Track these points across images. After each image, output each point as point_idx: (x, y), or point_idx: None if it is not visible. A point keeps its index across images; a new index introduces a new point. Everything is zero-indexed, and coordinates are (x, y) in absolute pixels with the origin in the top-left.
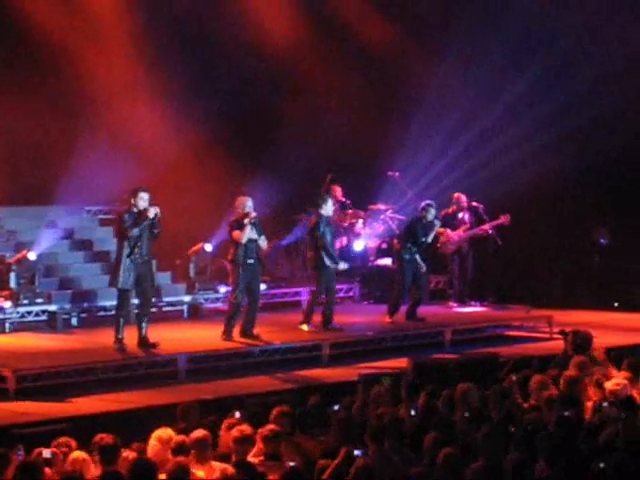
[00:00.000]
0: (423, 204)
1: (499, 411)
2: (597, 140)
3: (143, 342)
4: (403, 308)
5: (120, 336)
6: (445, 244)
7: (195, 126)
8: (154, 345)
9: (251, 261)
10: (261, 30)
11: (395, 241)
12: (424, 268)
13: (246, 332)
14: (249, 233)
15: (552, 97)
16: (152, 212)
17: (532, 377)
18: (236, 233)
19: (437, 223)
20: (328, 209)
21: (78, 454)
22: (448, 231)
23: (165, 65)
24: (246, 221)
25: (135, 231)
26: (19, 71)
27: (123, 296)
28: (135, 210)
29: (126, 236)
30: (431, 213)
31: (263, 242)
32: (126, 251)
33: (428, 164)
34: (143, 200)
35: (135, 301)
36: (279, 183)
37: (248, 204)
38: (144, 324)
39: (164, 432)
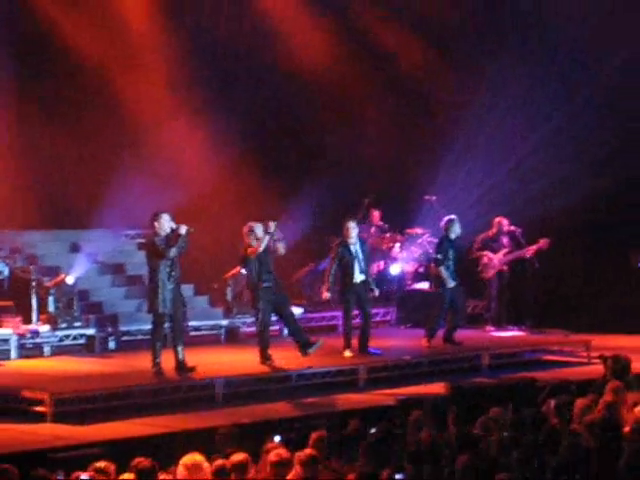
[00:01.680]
0: (445, 220)
1: (536, 435)
2: (636, 162)
3: (180, 366)
4: (440, 332)
5: (157, 360)
6: (486, 268)
7: (234, 150)
8: (191, 369)
9: (267, 284)
10: (300, 56)
11: (432, 265)
12: (454, 283)
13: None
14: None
15: (588, 120)
16: (183, 229)
17: (574, 401)
18: (251, 249)
19: None
20: (348, 234)
21: (127, 477)
22: (489, 254)
23: (204, 89)
24: (265, 232)
25: (173, 251)
26: (59, 97)
27: (159, 320)
28: (162, 233)
29: (163, 258)
30: (455, 226)
31: (282, 248)
32: (164, 275)
33: (465, 188)
34: (167, 221)
35: (168, 324)
36: (317, 207)
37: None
38: (179, 348)
39: (191, 458)
